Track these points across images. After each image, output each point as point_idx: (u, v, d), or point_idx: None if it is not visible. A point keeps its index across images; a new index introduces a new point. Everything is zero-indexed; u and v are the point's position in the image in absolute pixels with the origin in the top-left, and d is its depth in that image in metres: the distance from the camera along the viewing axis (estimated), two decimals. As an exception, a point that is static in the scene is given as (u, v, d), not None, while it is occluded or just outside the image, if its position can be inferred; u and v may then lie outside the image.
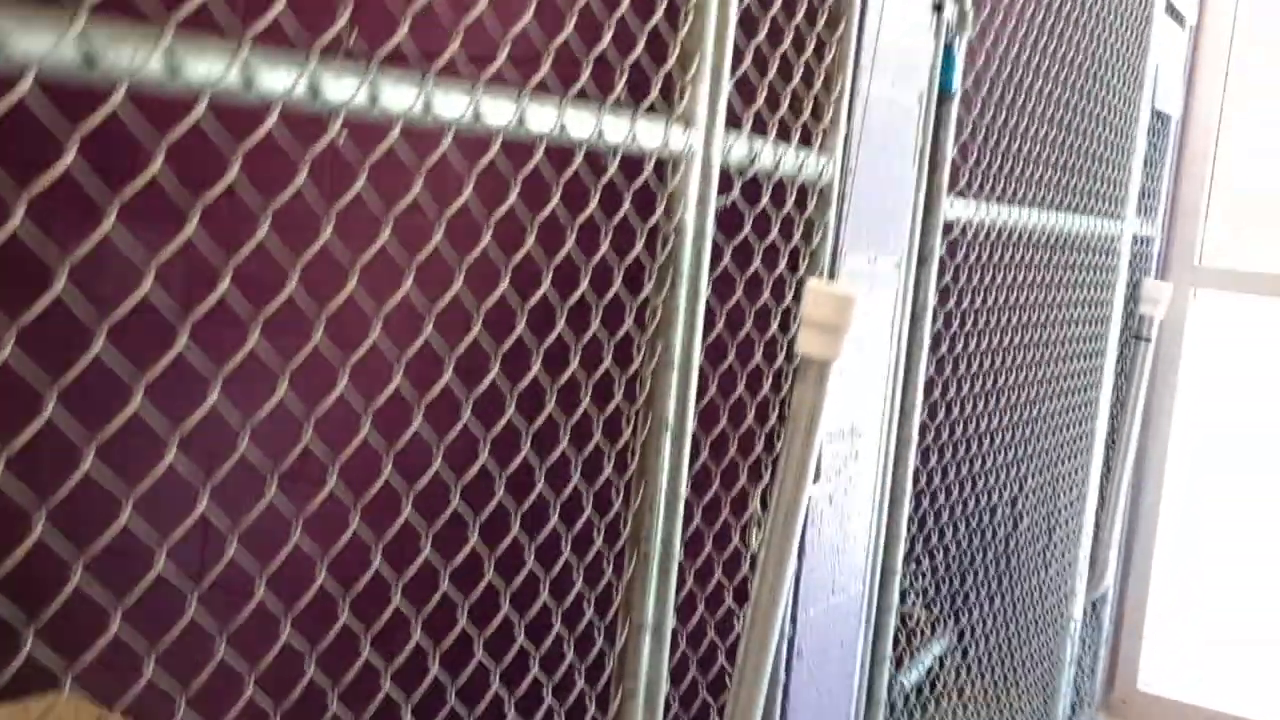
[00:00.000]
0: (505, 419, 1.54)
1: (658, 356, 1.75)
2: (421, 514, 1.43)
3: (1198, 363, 4.44)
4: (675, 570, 1.86)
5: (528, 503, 1.61)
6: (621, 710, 1.78)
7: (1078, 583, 4.01)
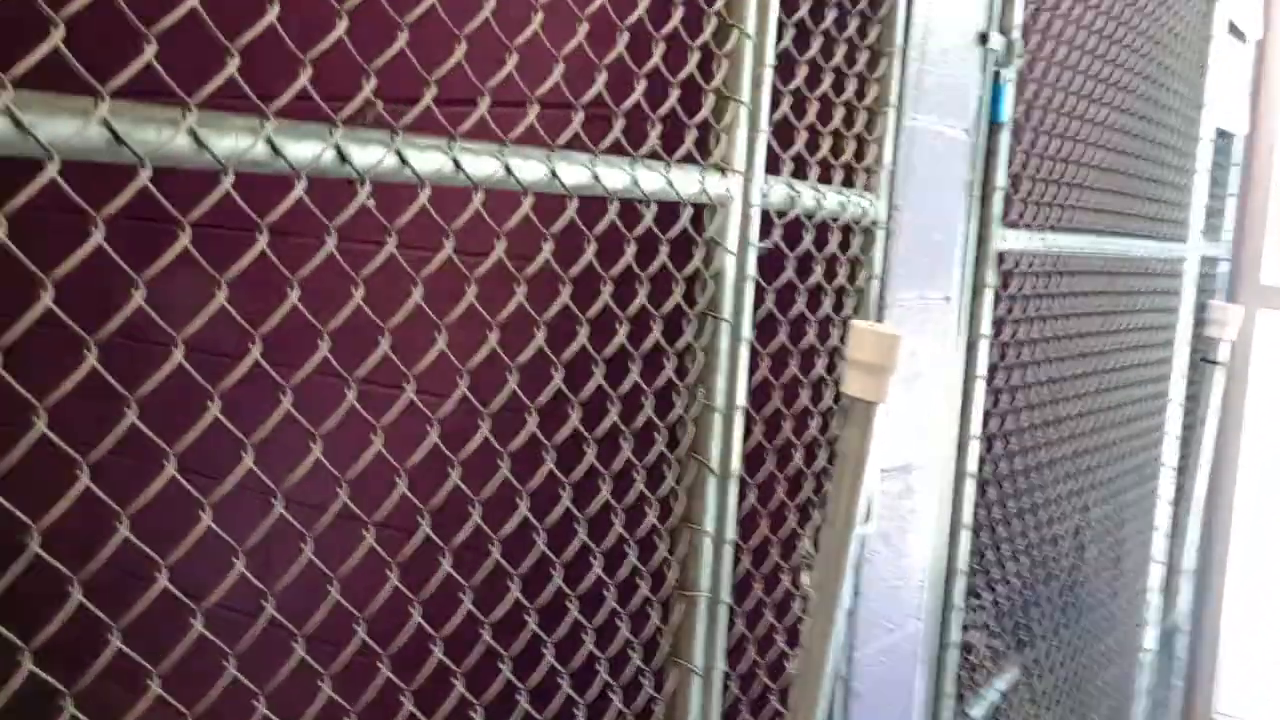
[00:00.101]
0: (544, 469, 1.54)
1: (700, 402, 1.74)
2: (460, 567, 1.43)
3: (1265, 383, 4.33)
4: (724, 615, 1.85)
5: (570, 552, 1.61)
6: (669, 758, 1.77)
7: (1148, 612, 3.92)
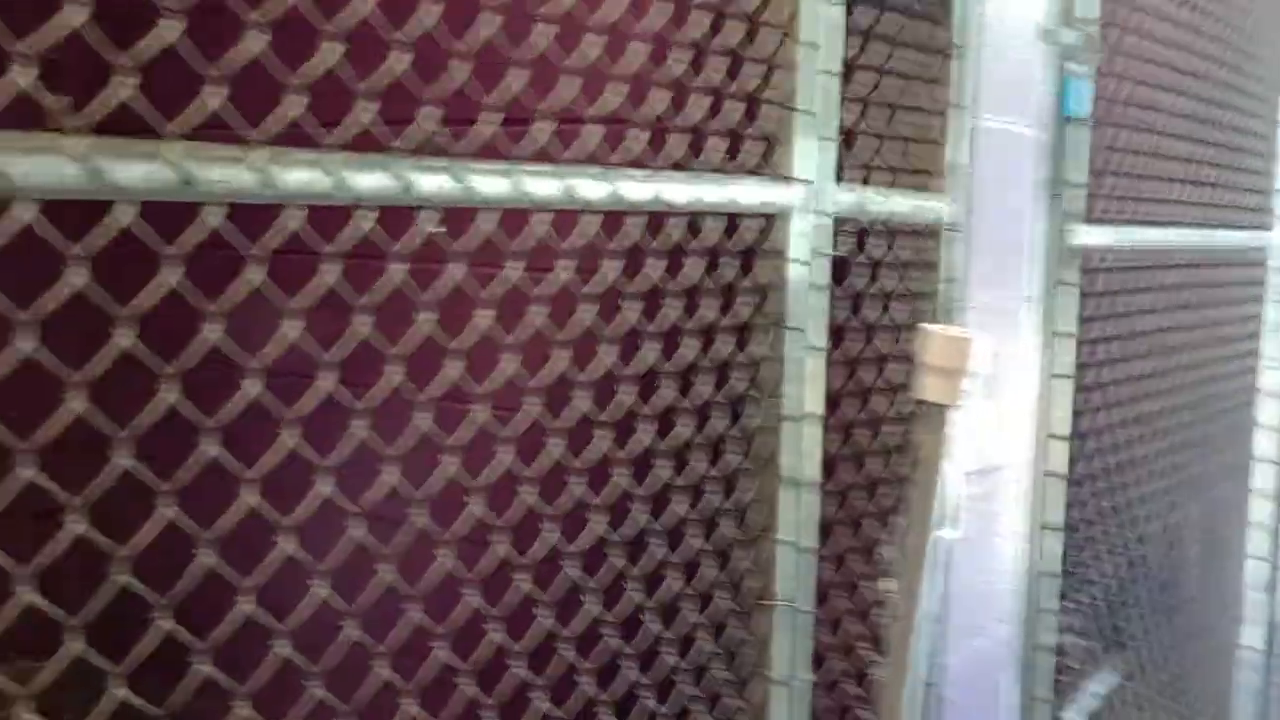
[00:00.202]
0: (619, 483, 1.55)
1: (773, 412, 1.74)
2: (538, 582, 1.45)
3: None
4: (806, 624, 1.84)
5: (647, 565, 1.61)
6: (756, 769, 1.76)
7: (1250, 609, 3.81)
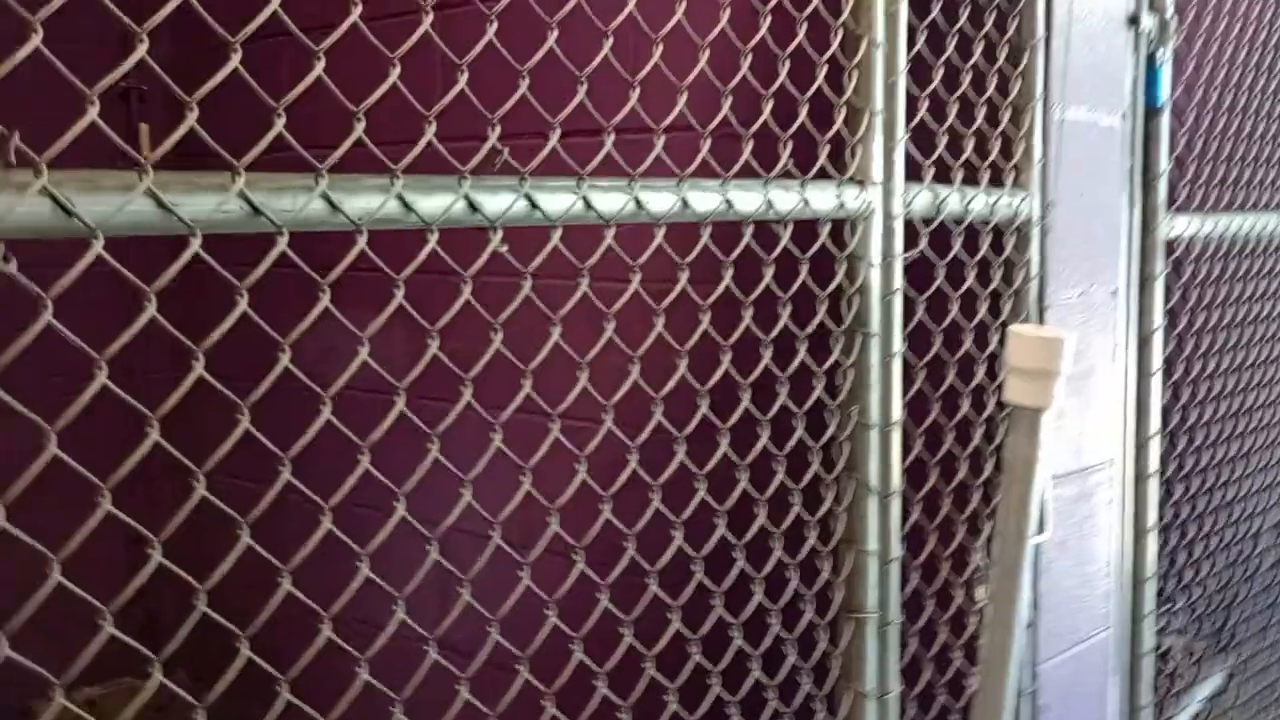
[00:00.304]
0: (697, 497, 1.54)
1: (854, 420, 1.71)
2: (619, 603, 1.44)
3: None
4: (895, 635, 1.81)
5: (730, 579, 1.59)
6: (848, 784, 1.73)
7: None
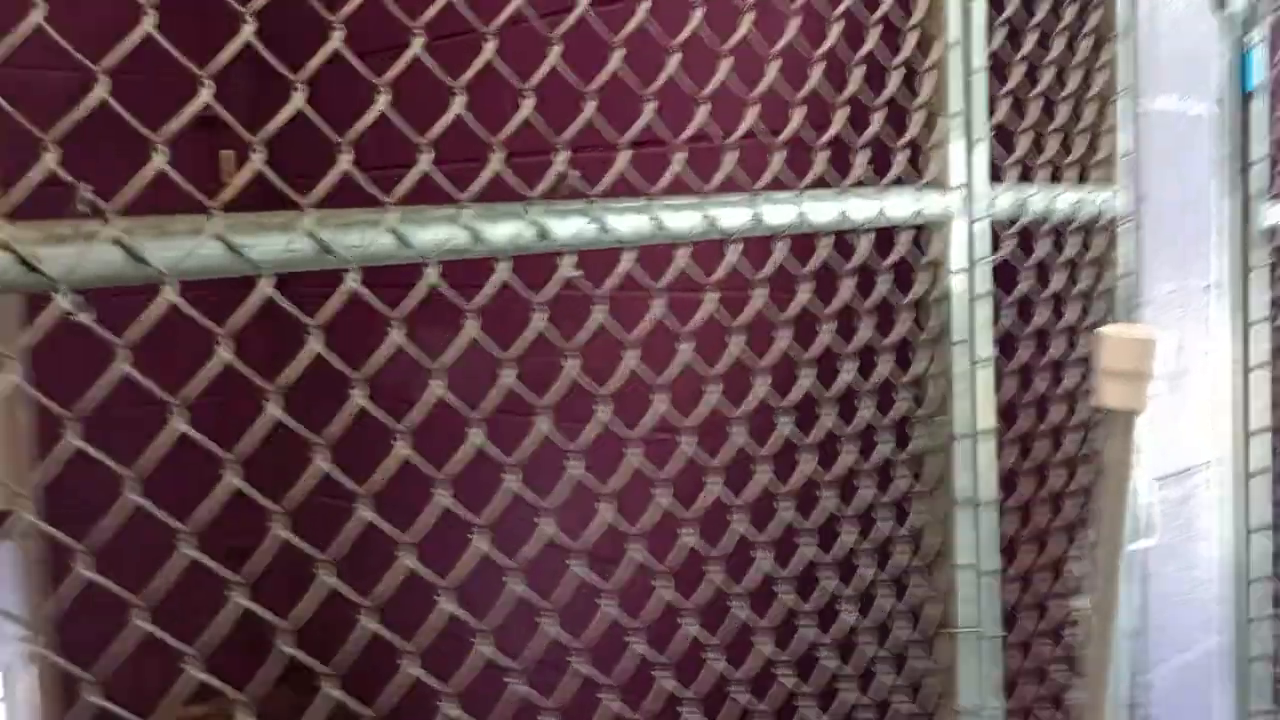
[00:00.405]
0: (783, 515, 1.51)
1: (943, 431, 1.67)
2: (706, 623, 1.42)
3: None
4: (993, 649, 1.76)
5: (820, 598, 1.57)
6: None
7: None
